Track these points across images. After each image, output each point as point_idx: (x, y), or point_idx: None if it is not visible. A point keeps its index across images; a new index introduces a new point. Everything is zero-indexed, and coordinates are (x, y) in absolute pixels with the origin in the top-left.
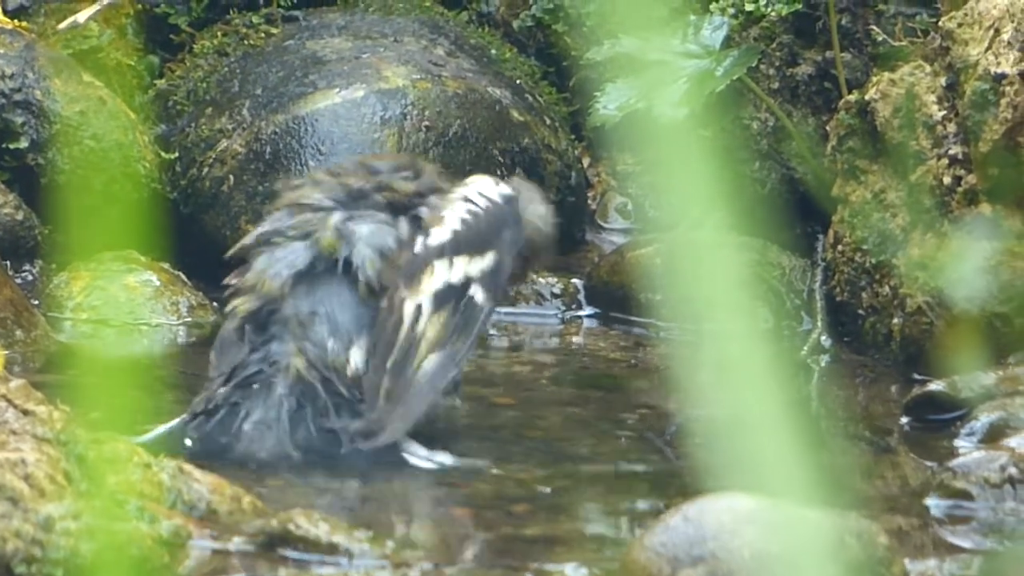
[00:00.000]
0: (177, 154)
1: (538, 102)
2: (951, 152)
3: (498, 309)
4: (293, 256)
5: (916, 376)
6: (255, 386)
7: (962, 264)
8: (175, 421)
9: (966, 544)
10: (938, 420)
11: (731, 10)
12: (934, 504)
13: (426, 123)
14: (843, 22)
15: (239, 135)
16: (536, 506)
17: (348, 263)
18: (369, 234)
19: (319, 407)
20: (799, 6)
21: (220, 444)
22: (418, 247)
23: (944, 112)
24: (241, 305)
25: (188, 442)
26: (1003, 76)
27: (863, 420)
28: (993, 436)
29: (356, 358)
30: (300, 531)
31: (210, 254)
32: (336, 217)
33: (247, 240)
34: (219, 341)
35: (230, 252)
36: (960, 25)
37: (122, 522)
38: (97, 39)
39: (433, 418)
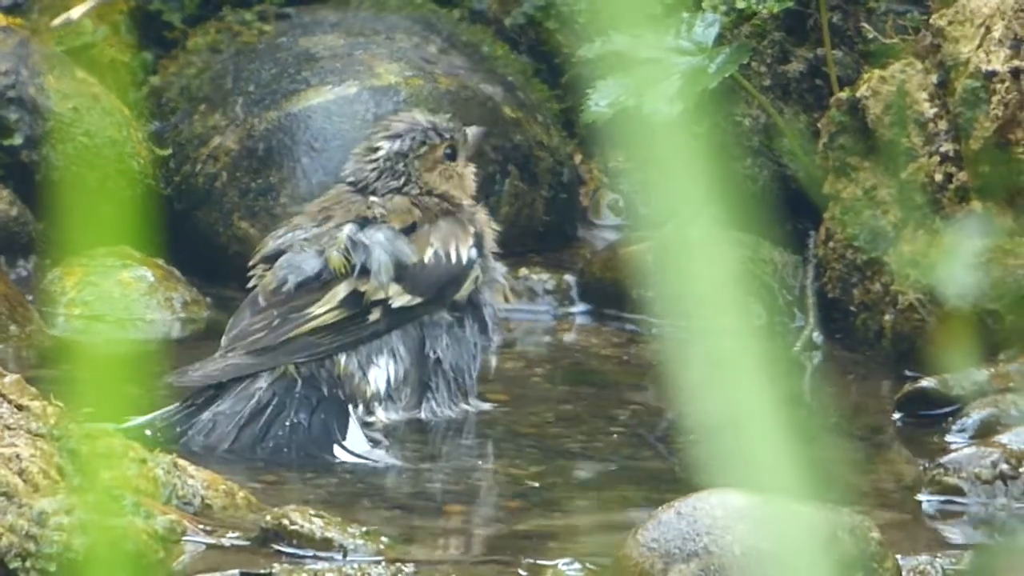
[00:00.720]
0: (170, 151)
1: (530, 99)
2: (942, 149)
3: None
4: (311, 263)
5: (908, 372)
6: (244, 381)
7: (953, 261)
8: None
9: (958, 539)
10: (930, 416)
11: (723, 7)
12: (926, 499)
13: None
14: (834, 19)
15: (232, 132)
16: (529, 502)
17: (365, 270)
18: (384, 240)
19: (284, 403)
20: (790, 3)
21: (176, 432)
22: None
23: (935, 109)
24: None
25: (147, 432)
26: (994, 73)
27: (855, 416)
28: (984, 432)
29: (378, 381)
30: (294, 526)
31: (204, 250)
32: (347, 230)
33: (266, 250)
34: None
35: (253, 261)
36: (951, 23)
37: (116, 517)
38: (91, 36)
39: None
